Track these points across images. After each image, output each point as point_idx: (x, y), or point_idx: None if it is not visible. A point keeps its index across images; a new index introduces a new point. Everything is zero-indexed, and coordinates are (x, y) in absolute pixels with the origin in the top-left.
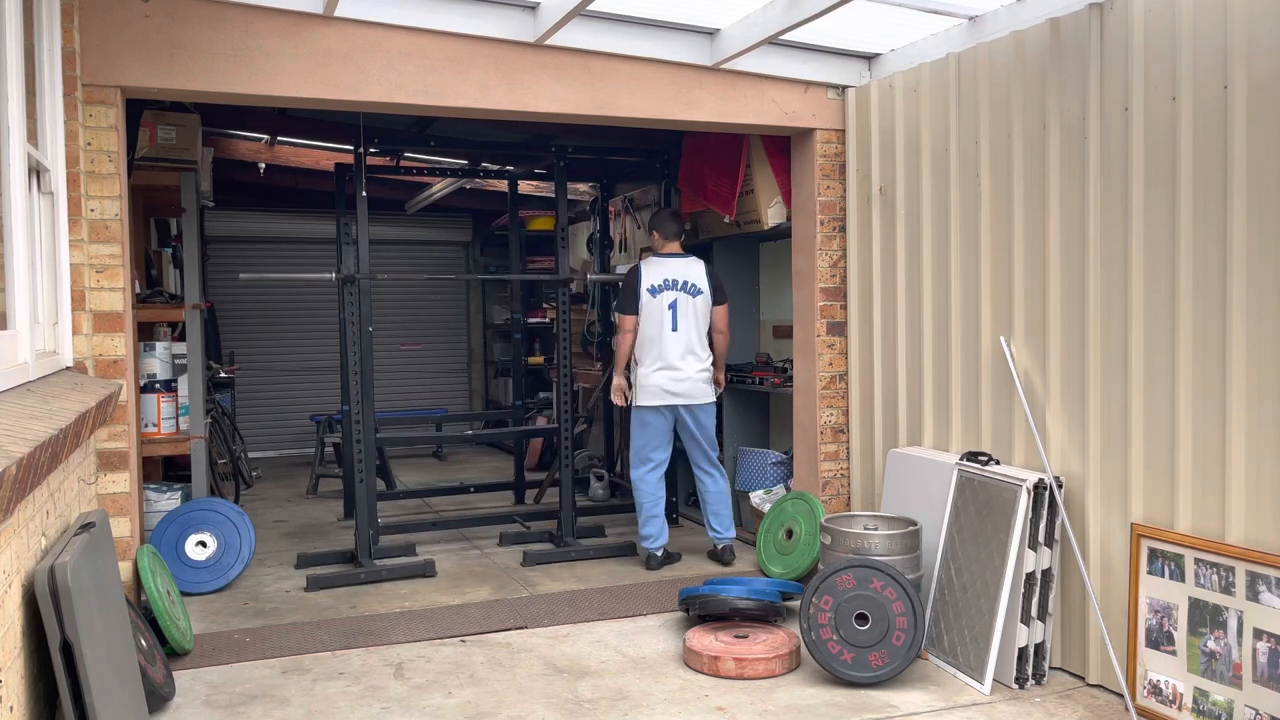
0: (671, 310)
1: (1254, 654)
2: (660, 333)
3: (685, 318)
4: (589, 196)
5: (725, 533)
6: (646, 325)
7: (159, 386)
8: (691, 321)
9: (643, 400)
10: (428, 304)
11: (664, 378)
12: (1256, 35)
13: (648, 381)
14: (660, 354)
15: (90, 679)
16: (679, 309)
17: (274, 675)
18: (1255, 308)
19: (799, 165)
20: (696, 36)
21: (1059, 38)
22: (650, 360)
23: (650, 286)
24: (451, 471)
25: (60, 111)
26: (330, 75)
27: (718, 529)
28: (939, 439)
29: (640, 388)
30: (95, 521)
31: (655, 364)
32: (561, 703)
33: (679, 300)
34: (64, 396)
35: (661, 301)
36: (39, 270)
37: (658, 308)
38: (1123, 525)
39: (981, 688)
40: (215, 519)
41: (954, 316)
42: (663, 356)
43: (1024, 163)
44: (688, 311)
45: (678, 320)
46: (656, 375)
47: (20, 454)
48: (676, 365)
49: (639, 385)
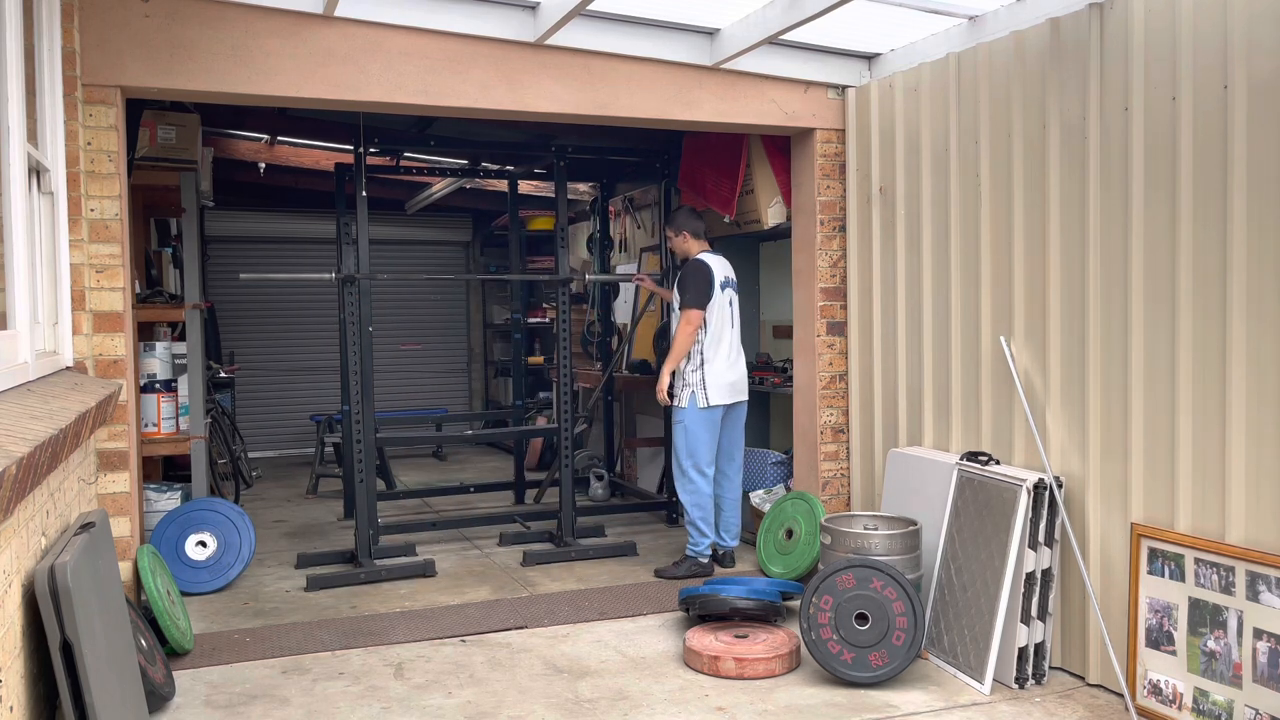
0: (730, 307)
1: (1254, 654)
2: (725, 329)
3: (737, 315)
4: (589, 196)
5: (733, 541)
6: (717, 322)
7: (159, 386)
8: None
9: (716, 399)
10: (428, 304)
11: (735, 374)
12: (1256, 35)
13: (720, 379)
14: (729, 351)
15: (90, 679)
16: (734, 306)
17: (274, 675)
18: (1255, 308)
19: (799, 165)
20: (696, 36)
21: (1059, 38)
22: (721, 357)
23: (721, 282)
24: (451, 471)
25: (60, 111)
26: (330, 75)
27: (726, 537)
28: (939, 439)
29: (712, 385)
30: (95, 521)
31: (725, 360)
32: (561, 703)
33: (734, 299)
34: (64, 396)
35: (725, 298)
36: (39, 270)
37: (722, 304)
38: (1123, 525)
39: (981, 688)
40: (215, 519)
41: (954, 316)
42: (731, 354)
43: (1024, 163)
44: (737, 309)
45: (735, 317)
46: (729, 372)
47: (20, 454)
48: (739, 363)
49: (710, 383)
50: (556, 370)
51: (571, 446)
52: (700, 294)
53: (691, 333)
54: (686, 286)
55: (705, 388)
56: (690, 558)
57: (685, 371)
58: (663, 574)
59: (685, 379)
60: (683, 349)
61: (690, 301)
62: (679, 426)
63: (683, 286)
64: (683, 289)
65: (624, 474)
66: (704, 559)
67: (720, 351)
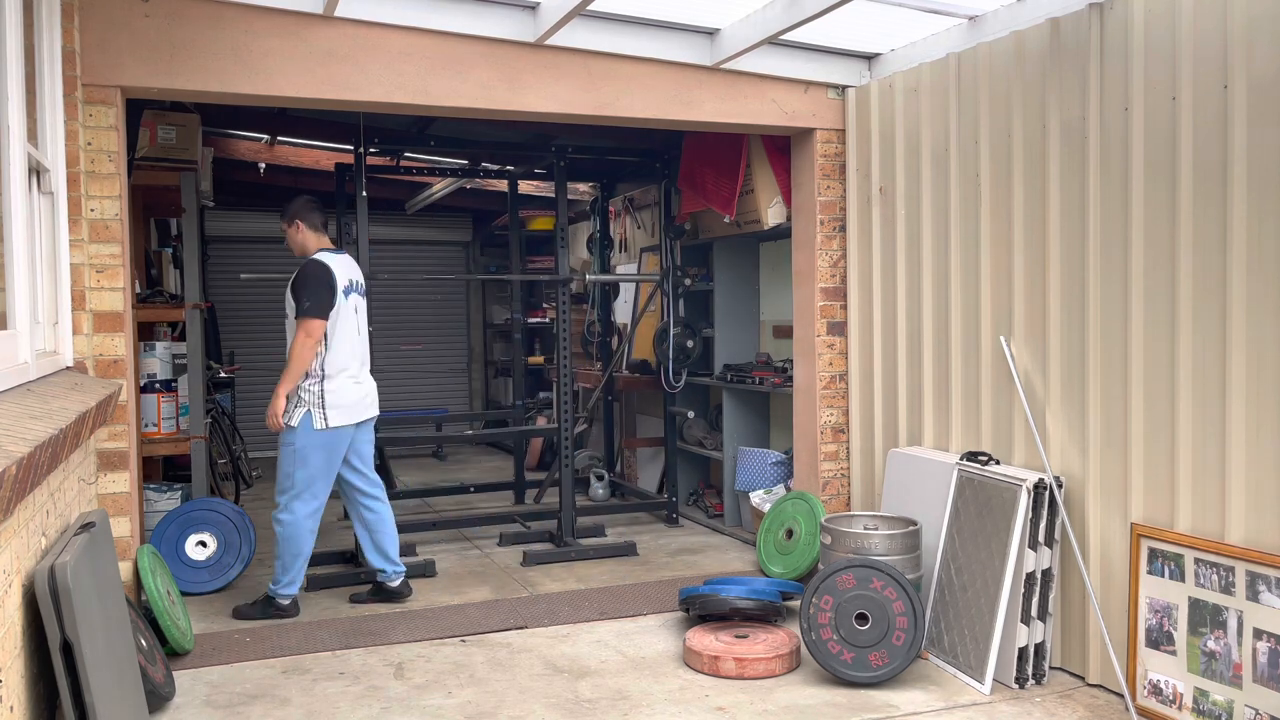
0: (357, 315)
1: (1254, 654)
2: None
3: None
4: (589, 196)
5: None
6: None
7: (159, 386)
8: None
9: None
10: (428, 304)
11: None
12: (1256, 35)
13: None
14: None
15: (90, 679)
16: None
17: (274, 675)
18: (1255, 307)
19: (799, 165)
20: (696, 36)
21: (1059, 38)
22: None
23: (345, 286)
24: (451, 471)
25: (60, 111)
26: (330, 75)
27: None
28: (939, 439)
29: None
30: (95, 521)
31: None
32: (561, 703)
33: (360, 304)
34: (64, 396)
35: (350, 304)
36: (39, 270)
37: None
38: (1123, 525)
39: (981, 687)
40: (215, 519)
41: (954, 316)
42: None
43: (1024, 163)
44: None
45: (362, 325)
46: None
47: (20, 454)
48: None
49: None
50: (556, 370)
51: (571, 446)
52: (321, 301)
53: (312, 346)
54: (304, 292)
55: (325, 408)
56: (270, 597)
57: (301, 386)
58: (240, 613)
59: (299, 396)
60: (301, 365)
61: (310, 310)
62: (286, 449)
63: (299, 291)
64: (299, 294)
65: (624, 474)
66: (284, 600)
67: (343, 365)
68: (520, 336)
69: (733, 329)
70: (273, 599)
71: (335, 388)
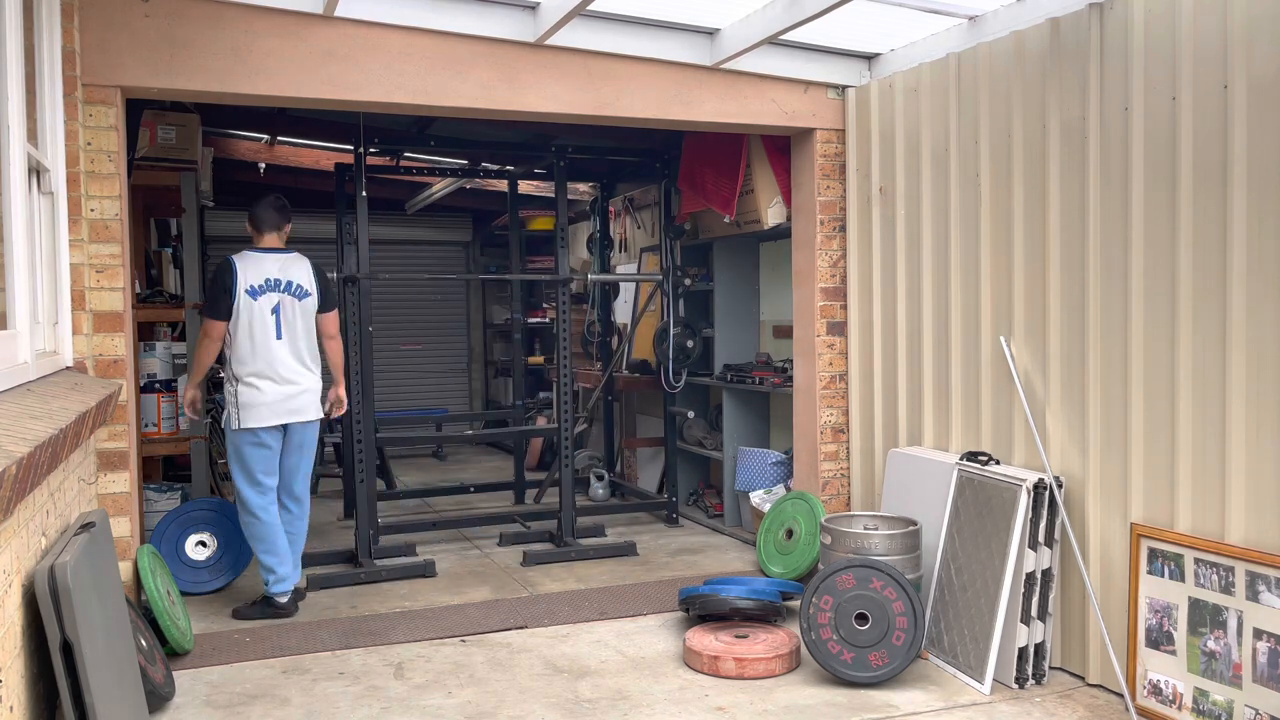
0: (276, 314)
1: (1254, 654)
2: (266, 341)
3: (301, 321)
4: (589, 196)
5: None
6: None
7: (159, 386)
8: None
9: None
10: (428, 304)
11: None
12: (1256, 35)
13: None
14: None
15: (90, 679)
16: (294, 311)
17: (274, 675)
18: (1255, 307)
19: (799, 165)
20: (696, 36)
21: (1059, 38)
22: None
23: (257, 285)
24: (451, 471)
25: (60, 111)
26: (330, 75)
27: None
28: (939, 439)
29: (247, 405)
30: (95, 521)
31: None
32: (561, 702)
33: (287, 302)
34: (64, 396)
35: (267, 303)
36: (39, 270)
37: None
38: (1123, 525)
39: (981, 687)
40: (215, 519)
41: (954, 316)
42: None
43: (1024, 163)
44: (301, 314)
45: (295, 323)
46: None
47: (20, 454)
48: (297, 379)
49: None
50: (556, 370)
51: (571, 446)
52: (216, 301)
53: (207, 346)
54: (206, 292)
55: (238, 408)
56: (267, 597)
57: (225, 387)
58: (240, 613)
59: (225, 395)
60: (199, 364)
61: (205, 310)
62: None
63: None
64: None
65: (624, 474)
66: (281, 599)
67: (258, 367)
68: (520, 336)
69: (733, 329)
70: (270, 599)
71: (246, 389)
